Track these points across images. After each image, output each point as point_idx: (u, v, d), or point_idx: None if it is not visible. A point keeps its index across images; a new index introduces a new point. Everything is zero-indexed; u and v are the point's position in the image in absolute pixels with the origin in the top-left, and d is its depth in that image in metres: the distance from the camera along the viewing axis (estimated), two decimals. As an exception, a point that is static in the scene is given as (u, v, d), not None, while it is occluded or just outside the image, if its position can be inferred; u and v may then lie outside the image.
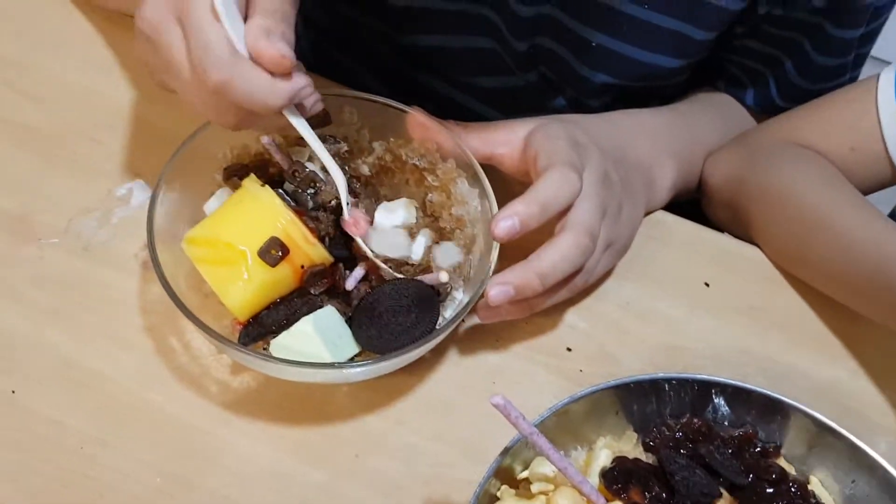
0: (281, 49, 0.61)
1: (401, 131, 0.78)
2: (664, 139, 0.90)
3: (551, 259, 0.69)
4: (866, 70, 0.95)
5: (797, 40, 0.89)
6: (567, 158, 0.71)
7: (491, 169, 0.77)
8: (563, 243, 0.70)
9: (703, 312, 0.85)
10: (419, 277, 0.73)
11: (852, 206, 0.80)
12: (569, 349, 0.80)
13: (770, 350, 0.82)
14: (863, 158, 0.86)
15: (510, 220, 0.67)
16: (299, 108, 0.68)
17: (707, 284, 0.87)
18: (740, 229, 0.91)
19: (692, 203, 0.97)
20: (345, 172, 0.78)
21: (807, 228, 0.82)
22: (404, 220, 0.76)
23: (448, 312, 0.74)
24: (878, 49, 0.96)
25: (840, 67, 0.91)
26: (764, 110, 0.95)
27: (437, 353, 0.78)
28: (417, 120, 0.76)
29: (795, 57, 0.90)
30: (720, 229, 0.92)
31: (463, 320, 0.73)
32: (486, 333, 0.79)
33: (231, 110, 0.64)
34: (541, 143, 0.73)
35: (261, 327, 0.73)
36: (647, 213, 0.88)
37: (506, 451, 0.63)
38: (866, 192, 0.87)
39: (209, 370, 0.75)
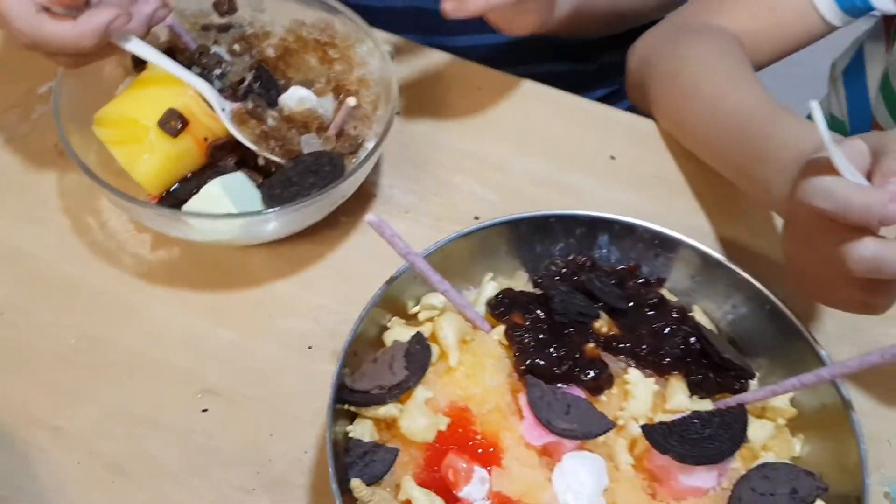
0: None
1: (298, 8, 0.82)
2: None
3: None
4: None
5: None
6: None
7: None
8: None
9: (610, 183, 0.88)
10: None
11: (726, 75, 0.84)
12: (476, 217, 0.83)
13: (675, 216, 0.85)
14: (784, 13, 0.90)
15: None
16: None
17: (613, 158, 0.90)
18: (646, 107, 0.95)
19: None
20: (251, 57, 0.81)
21: (682, 97, 0.86)
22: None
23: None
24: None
25: None
26: None
27: (346, 225, 0.81)
28: None
29: None
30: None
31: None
32: (396, 206, 0.83)
33: (65, 59, 0.68)
34: None
35: (173, 199, 0.76)
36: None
37: (391, 281, 0.67)
38: (800, 46, 0.92)
39: (125, 245, 0.79)
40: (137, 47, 0.72)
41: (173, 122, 0.74)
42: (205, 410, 0.71)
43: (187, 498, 0.67)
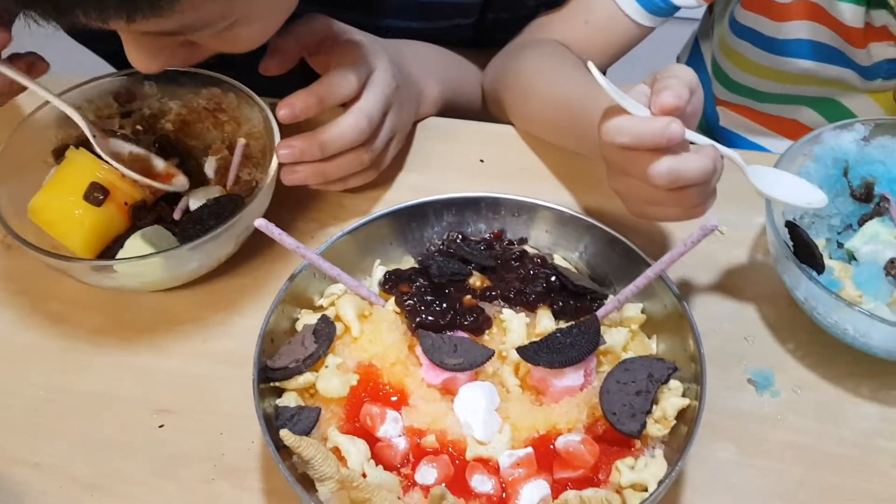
0: None
1: (191, 89, 0.96)
2: (433, 65, 1.10)
3: (331, 133, 0.87)
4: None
5: None
6: (355, 59, 0.89)
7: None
8: (344, 121, 0.88)
9: (480, 181, 1.02)
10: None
11: (554, 74, 1.00)
12: (371, 230, 0.97)
13: (543, 196, 0.97)
14: (598, 25, 1.06)
15: (290, 108, 0.85)
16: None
17: (482, 161, 1.05)
18: (505, 116, 1.10)
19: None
20: (154, 134, 0.96)
21: (525, 100, 1.02)
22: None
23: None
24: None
25: None
26: None
27: (261, 256, 0.94)
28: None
29: None
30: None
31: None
32: (301, 232, 0.96)
33: None
34: (340, 47, 0.91)
35: (106, 258, 0.89)
36: (419, 120, 1.07)
37: (292, 277, 0.80)
38: (623, 48, 1.08)
39: (75, 310, 0.91)
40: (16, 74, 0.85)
41: (96, 194, 0.87)
42: (161, 426, 0.83)
43: (159, 498, 0.78)
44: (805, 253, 0.82)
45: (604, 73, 1.07)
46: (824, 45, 1.08)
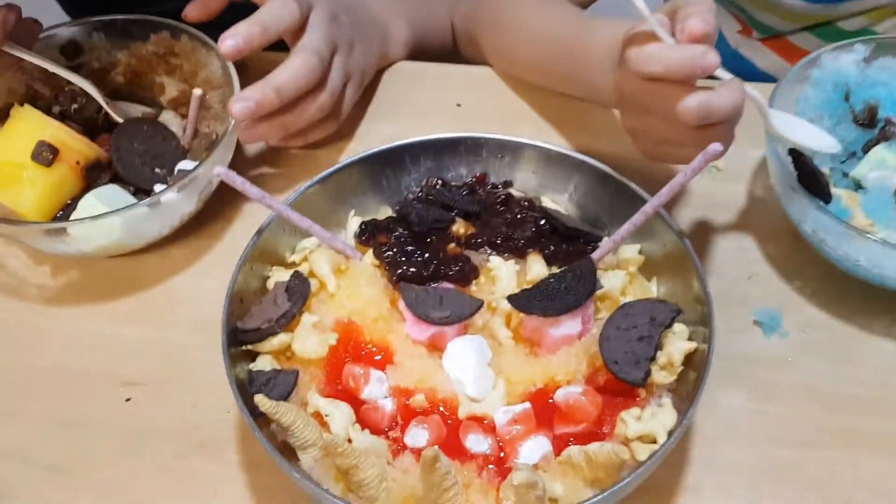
0: None
1: (141, 38, 0.89)
2: (399, 4, 1.03)
3: (283, 75, 0.80)
4: None
5: None
6: None
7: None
8: (292, 62, 0.81)
9: (459, 126, 0.95)
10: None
11: (540, 4, 0.93)
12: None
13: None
14: None
15: (234, 38, 0.78)
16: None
17: (459, 105, 0.98)
18: (480, 56, 1.03)
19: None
20: (105, 88, 0.89)
21: (507, 34, 0.95)
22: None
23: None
24: None
25: None
26: None
27: (228, 214, 0.87)
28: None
29: None
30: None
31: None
32: (268, 189, 0.88)
33: None
34: None
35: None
36: (389, 64, 1.00)
37: (260, 232, 0.73)
38: None
39: (27, 279, 0.85)
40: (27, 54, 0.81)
41: (45, 153, 0.81)
42: (128, 400, 0.76)
43: (126, 477, 0.72)
44: (810, 182, 0.76)
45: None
46: None
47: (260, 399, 0.62)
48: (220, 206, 0.87)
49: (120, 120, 0.84)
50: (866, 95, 0.85)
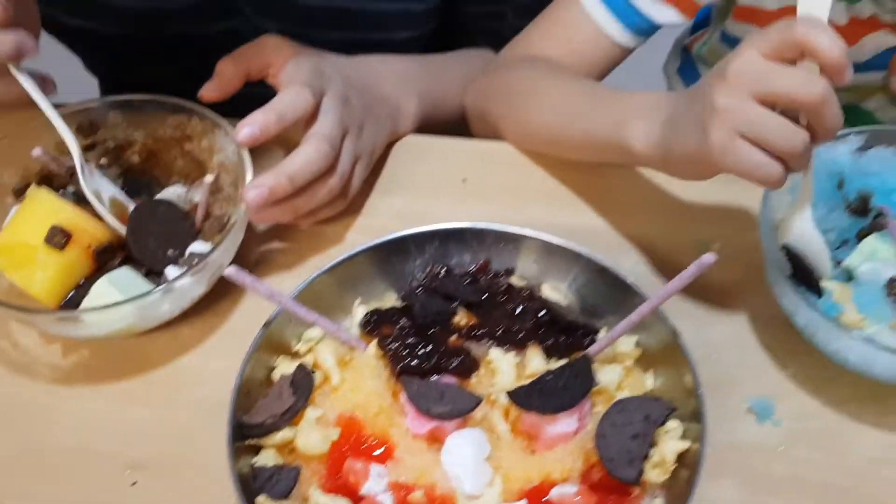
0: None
1: (158, 117, 0.92)
2: (411, 80, 1.05)
3: (296, 162, 0.82)
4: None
5: None
6: (304, 80, 0.85)
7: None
8: (304, 149, 0.83)
9: (464, 202, 0.98)
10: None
11: (556, 72, 0.96)
12: (349, 260, 0.92)
13: (524, 217, 0.94)
14: (579, 43, 1.02)
15: (251, 126, 0.81)
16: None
17: (465, 180, 1.00)
18: (491, 133, 1.05)
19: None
20: (120, 167, 0.91)
21: (524, 99, 0.97)
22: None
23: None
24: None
25: None
26: None
27: (235, 294, 0.90)
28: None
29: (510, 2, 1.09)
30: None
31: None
32: (277, 266, 0.92)
33: None
34: (287, 69, 0.87)
35: (71, 306, 0.84)
36: (398, 139, 1.02)
37: (267, 324, 0.75)
38: (604, 68, 1.03)
39: (38, 359, 0.86)
40: (28, 84, 0.83)
41: (58, 238, 0.83)
42: (134, 483, 0.78)
43: (133, 562, 0.74)
44: (803, 276, 0.78)
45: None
46: None
47: (262, 500, 0.64)
48: (227, 285, 0.88)
49: (90, 195, 0.86)
50: (860, 185, 0.87)
